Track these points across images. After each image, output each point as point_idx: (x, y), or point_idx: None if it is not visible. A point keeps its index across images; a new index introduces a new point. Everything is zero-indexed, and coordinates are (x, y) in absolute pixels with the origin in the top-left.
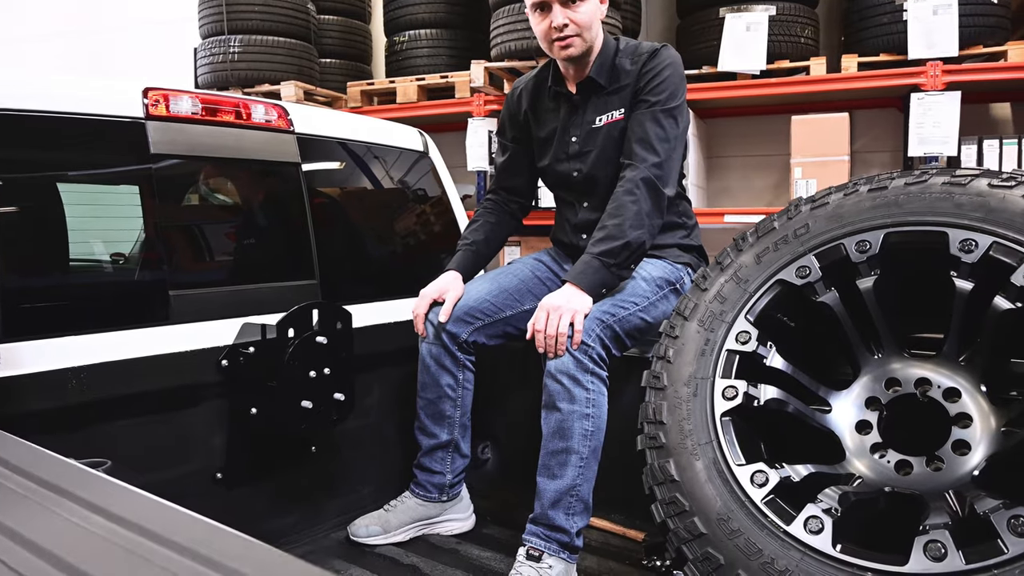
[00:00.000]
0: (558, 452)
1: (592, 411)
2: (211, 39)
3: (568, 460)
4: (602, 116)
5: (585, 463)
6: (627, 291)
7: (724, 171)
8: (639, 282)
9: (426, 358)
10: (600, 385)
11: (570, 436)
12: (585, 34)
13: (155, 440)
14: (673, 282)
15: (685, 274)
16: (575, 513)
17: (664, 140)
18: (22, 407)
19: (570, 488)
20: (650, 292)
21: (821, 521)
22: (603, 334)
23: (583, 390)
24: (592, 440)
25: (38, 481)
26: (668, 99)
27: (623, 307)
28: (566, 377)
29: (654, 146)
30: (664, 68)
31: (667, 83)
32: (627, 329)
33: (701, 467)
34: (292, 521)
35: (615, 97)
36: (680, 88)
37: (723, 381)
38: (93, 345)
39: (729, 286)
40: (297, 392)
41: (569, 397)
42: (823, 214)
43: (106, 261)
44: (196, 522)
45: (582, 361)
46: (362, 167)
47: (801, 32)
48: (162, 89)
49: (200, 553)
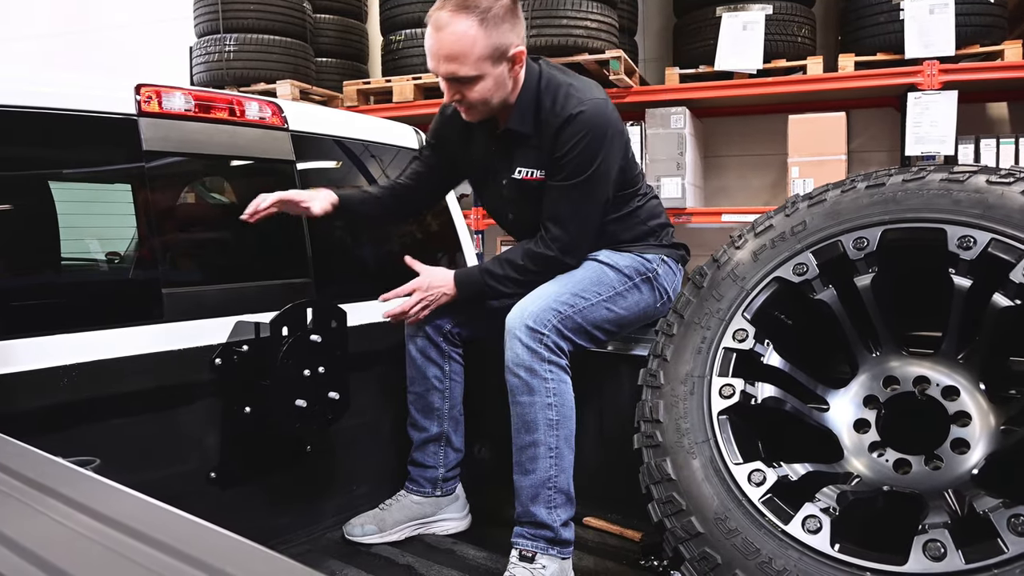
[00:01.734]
0: (527, 446)
1: (554, 399)
2: (206, 38)
3: (537, 453)
4: (524, 170)
5: (556, 453)
6: (591, 281)
7: (721, 170)
8: (605, 272)
9: (412, 351)
10: (560, 373)
11: (535, 428)
12: (481, 107)
13: (149, 439)
14: (644, 272)
15: (659, 264)
16: (556, 506)
17: (573, 217)
18: (14, 405)
19: (545, 481)
20: (617, 282)
21: (819, 520)
22: (560, 325)
23: (541, 380)
24: (560, 429)
25: (22, 479)
26: (578, 171)
27: (584, 298)
28: (523, 369)
29: (563, 224)
30: (577, 140)
31: (580, 156)
32: (593, 320)
33: (698, 466)
34: (287, 521)
35: (536, 152)
36: (596, 154)
37: (720, 379)
38: (86, 343)
39: (726, 284)
40: (291, 391)
41: (528, 389)
42: (821, 211)
43: (99, 259)
44: (184, 521)
45: (537, 351)
46: (357, 165)
47: (798, 31)
48: (154, 85)
49: (187, 553)
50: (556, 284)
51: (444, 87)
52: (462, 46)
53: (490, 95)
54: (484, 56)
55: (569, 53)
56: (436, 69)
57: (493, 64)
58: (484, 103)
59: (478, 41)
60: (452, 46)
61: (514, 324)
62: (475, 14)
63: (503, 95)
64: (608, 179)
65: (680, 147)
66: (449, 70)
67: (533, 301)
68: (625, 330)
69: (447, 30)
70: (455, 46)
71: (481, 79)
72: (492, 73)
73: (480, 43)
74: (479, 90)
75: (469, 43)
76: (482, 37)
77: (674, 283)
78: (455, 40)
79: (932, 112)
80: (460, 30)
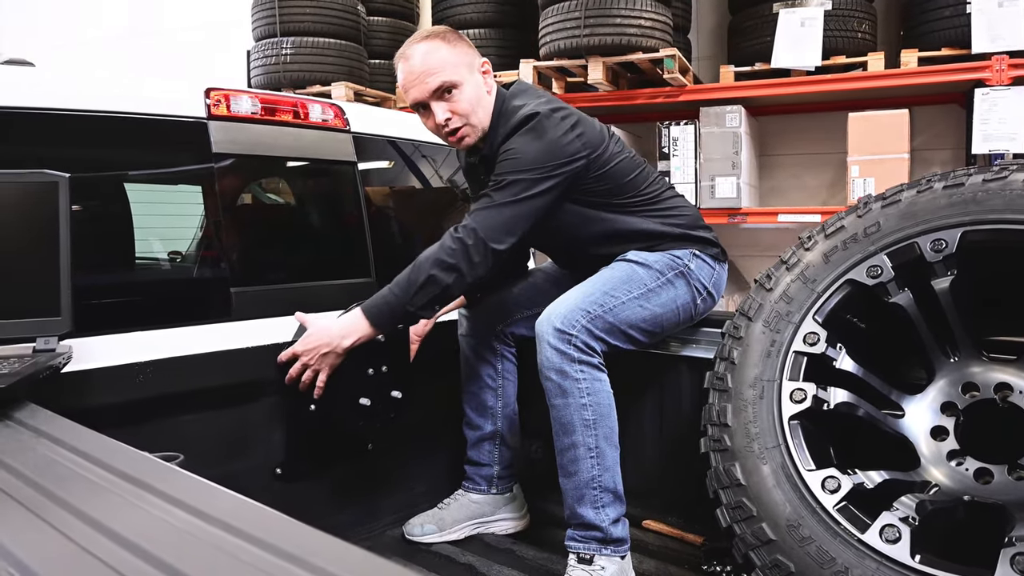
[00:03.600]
0: (566, 448)
1: (588, 399)
2: (264, 41)
3: (577, 454)
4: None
5: (597, 452)
6: (620, 280)
7: (776, 169)
8: (635, 270)
9: (466, 350)
10: (592, 371)
11: (572, 429)
12: (472, 119)
13: (217, 435)
14: (676, 267)
15: (691, 259)
16: (603, 505)
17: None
18: (92, 401)
19: (588, 481)
20: (649, 279)
21: (898, 530)
22: (590, 325)
23: (573, 381)
24: (598, 428)
25: (118, 474)
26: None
27: (614, 296)
28: (554, 372)
29: (477, 205)
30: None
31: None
32: (626, 319)
33: (768, 471)
34: (349, 517)
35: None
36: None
37: (791, 383)
38: (159, 341)
39: (796, 286)
40: (355, 389)
41: (561, 391)
42: (895, 212)
43: (170, 259)
44: (279, 520)
45: (566, 352)
46: (415, 166)
47: (858, 27)
48: (223, 89)
49: (286, 550)
50: (586, 285)
51: (434, 112)
52: (436, 59)
53: (475, 103)
54: (458, 63)
55: (622, 52)
56: (420, 94)
57: (468, 71)
58: (473, 113)
59: (448, 53)
60: (427, 63)
61: (543, 327)
62: (436, 37)
63: (485, 109)
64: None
65: (735, 146)
66: (432, 83)
67: (562, 303)
68: (668, 329)
69: (418, 53)
70: (429, 60)
71: (462, 85)
72: (470, 80)
73: (450, 54)
74: (465, 98)
75: (441, 56)
76: (448, 50)
77: (713, 278)
78: (428, 56)
79: (1001, 108)
80: (429, 49)
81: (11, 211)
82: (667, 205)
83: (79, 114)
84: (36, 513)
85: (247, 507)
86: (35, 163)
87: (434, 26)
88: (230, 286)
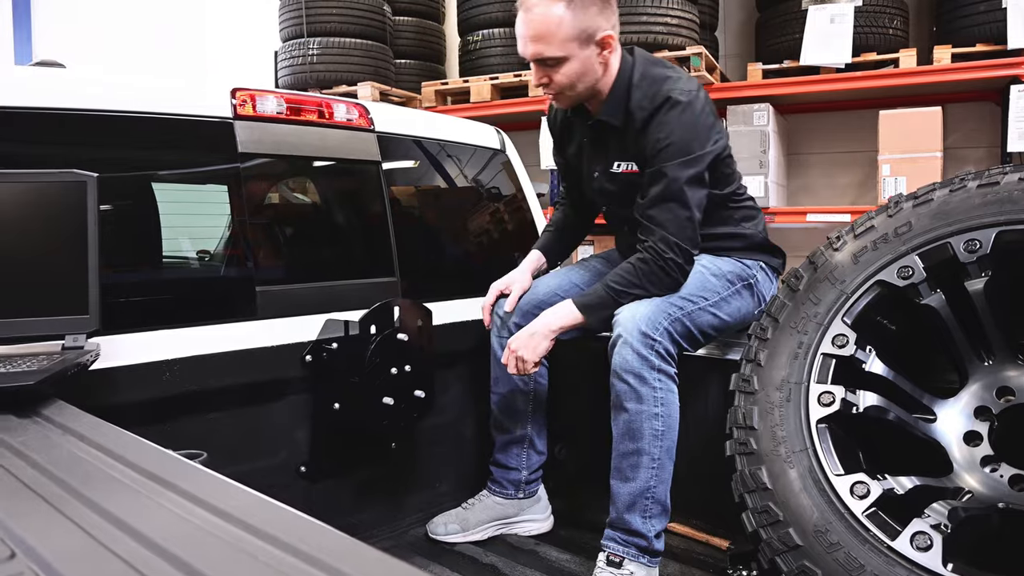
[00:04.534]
0: (629, 454)
1: (661, 410)
2: (291, 42)
3: (640, 462)
4: (620, 163)
5: (658, 464)
6: (696, 286)
7: (805, 168)
8: (708, 277)
9: (497, 351)
10: (668, 382)
11: (640, 437)
12: (569, 92)
13: (242, 432)
14: (745, 278)
15: (758, 270)
16: (652, 516)
17: (673, 198)
18: (119, 398)
19: (644, 490)
20: (720, 287)
21: (929, 537)
22: (672, 328)
23: (650, 388)
24: (664, 440)
25: (142, 471)
26: (678, 153)
27: (692, 301)
28: (632, 376)
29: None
30: (674, 126)
31: (677, 140)
32: (698, 325)
33: (795, 476)
34: (371, 516)
35: (631, 143)
36: (696, 138)
37: (819, 386)
38: (184, 339)
39: (824, 287)
40: (379, 388)
41: (636, 396)
42: (927, 211)
43: (196, 257)
44: (299, 520)
45: (648, 358)
46: (439, 165)
47: (889, 23)
48: (249, 89)
49: (306, 552)
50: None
51: (532, 69)
52: (548, 26)
53: (576, 79)
54: (570, 37)
55: (649, 50)
56: (524, 50)
57: (580, 46)
58: (571, 87)
59: (565, 21)
60: (539, 26)
61: (627, 329)
62: None
63: (590, 81)
64: (702, 169)
65: (763, 144)
66: (535, 50)
67: (645, 305)
68: (721, 336)
69: (535, 11)
70: (541, 26)
71: (567, 61)
72: (579, 55)
73: (567, 24)
74: (565, 72)
75: (555, 23)
76: (569, 18)
77: (770, 290)
78: (542, 20)
79: None
80: (547, 10)
81: (40, 210)
82: (744, 206)
83: (107, 114)
84: (59, 509)
85: (268, 506)
86: (64, 163)
87: None
88: (255, 285)
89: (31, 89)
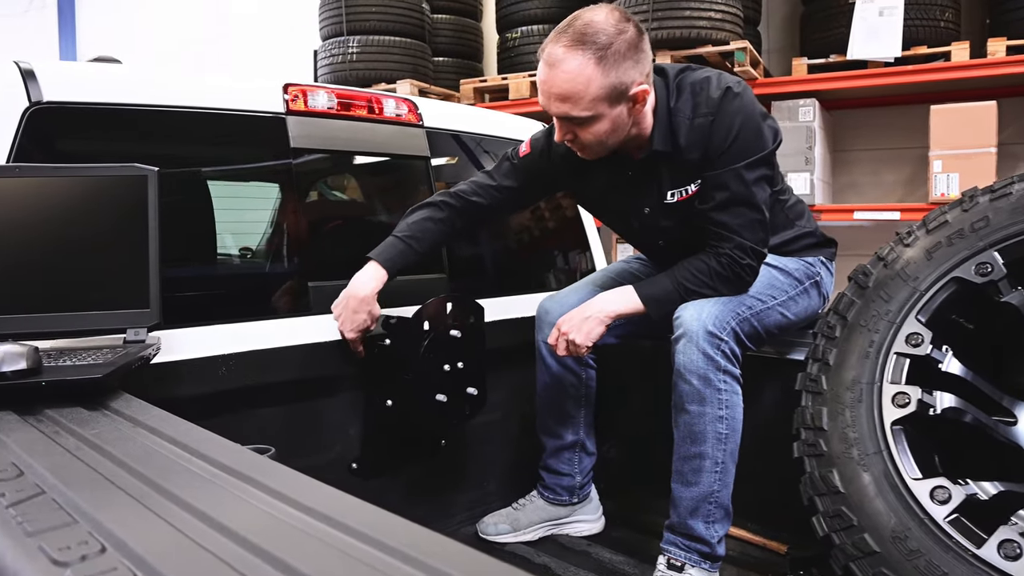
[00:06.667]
0: (691, 457)
1: (725, 412)
2: (331, 40)
3: (703, 466)
4: (674, 192)
5: (722, 468)
6: (763, 284)
7: (850, 165)
8: (776, 275)
9: (547, 356)
10: (733, 384)
11: (703, 440)
12: (597, 148)
13: (294, 428)
14: (812, 276)
15: (821, 267)
16: (715, 521)
17: (743, 201)
18: (176, 391)
19: (707, 495)
20: (788, 286)
21: (1019, 546)
22: (739, 328)
23: (714, 390)
24: (728, 443)
25: (218, 465)
26: (745, 152)
27: (761, 300)
28: (696, 377)
29: (736, 218)
30: (734, 123)
31: (742, 138)
32: (766, 325)
33: (869, 479)
34: (421, 513)
35: (686, 166)
36: (760, 134)
37: (893, 387)
38: (239, 334)
39: (895, 284)
40: (432, 385)
41: (700, 398)
42: (1006, 206)
43: (249, 253)
44: (385, 516)
45: (714, 359)
46: (488, 161)
47: (941, 15)
48: (300, 85)
49: (397, 548)
50: None
51: (556, 125)
52: (575, 86)
53: (605, 137)
54: (600, 97)
55: (692, 45)
56: (547, 107)
57: (610, 105)
58: (599, 144)
59: (593, 81)
60: (564, 85)
61: (693, 328)
62: (591, 51)
63: (621, 135)
64: (768, 166)
65: (809, 141)
66: (561, 111)
67: (711, 303)
68: (784, 335)
69: (560, 67)
70: (567, 85)
71: (596, 120)
72: (609, 114)
73: (596, 83)
74: (593, 132)
75: (583, 83)
76: (598, 76)
77: (831, 287)
78: (568, 79)
79: None
80: (574, 68)
81: (102, 204)
82: (792, 203)
83: (166, 110)
84: (144, 504)
85: (350, 502)
86: (122, 158)
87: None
88: (307, 280)
89: (94, 85)
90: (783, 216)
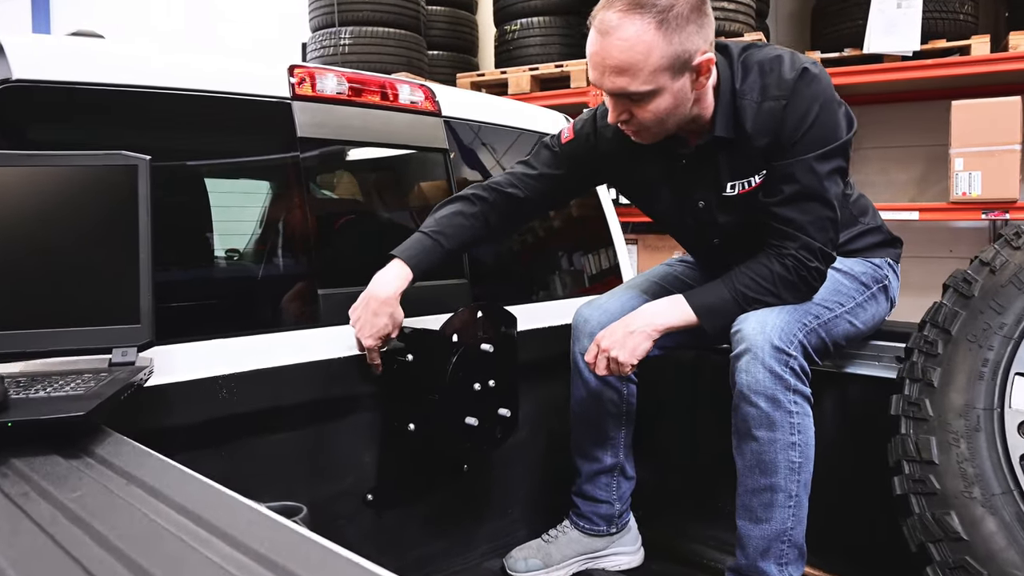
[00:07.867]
0: (761, 490)
1: (798, 438)
2: (321, 31)
3: (775, 500)
4: (734, 183)
5: (796, 502)
6: (829, 291)
7: (861, 164)
8: (840, 280)
9: (583, 370)
10: (804, 405)
11: (774, 471)
12: (655, 129)
13: (303, 457)
14: (879, 280)
15: (888, 269)
16: (788, 562)
17: (814, 196)
18: (166, 420)
19: (780, 533)
20: (855, 291)
21: None
22: (807, 340)
23: (785, 413)
24: (801, 473)
25: (247, 552)
26: (819, 142)
27: (828, 308)
28: (763, 398)
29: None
30: (811, 109)
31: (818, 125)
32: (834, 336)
33: (997, 524)
34: (443, 546)
35: (751, 155)
36: (837, 123)
37: (1018, 414)
38: (237, 350)
39: (1008, 292)
40: (461, 407)
41: (768, 423)
42: None
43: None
44: None
45: (783, 377)
46: (512, 156)
47: (960, 8)
48: (307, 66)
49: None
50: None
51: (609, 104)
52: (634, 55)
53: (666, 115)
54: (661, 67)
55: None
56: (600, 83)
57: (672, 76)
58: (658, 124)
59: (655, 48)
60: (621, 55)
61: (757, 342)
62: (651, 14)
63: (682, 114)
64: (843, 158)
65: None
66: (617, 85)
67: (774, 313)
68: (851, 346)
69: (615, 35)
70: (625, 55)
71: (656, 95)
72: (671, 88)
73: (657, 51)
74: (653, 109)
75: (643, 51)
76: (660, 43)
77: (899, 290)
78: (626, 48)
79: None
80: (632, 35)
81: (83, 200)
82: (856, 198)
83: (154, 91)
84: None
85: None
86: (106, 145)
87: None
88: (317, 288)
89: (72, 62)
90: (847, 212)
